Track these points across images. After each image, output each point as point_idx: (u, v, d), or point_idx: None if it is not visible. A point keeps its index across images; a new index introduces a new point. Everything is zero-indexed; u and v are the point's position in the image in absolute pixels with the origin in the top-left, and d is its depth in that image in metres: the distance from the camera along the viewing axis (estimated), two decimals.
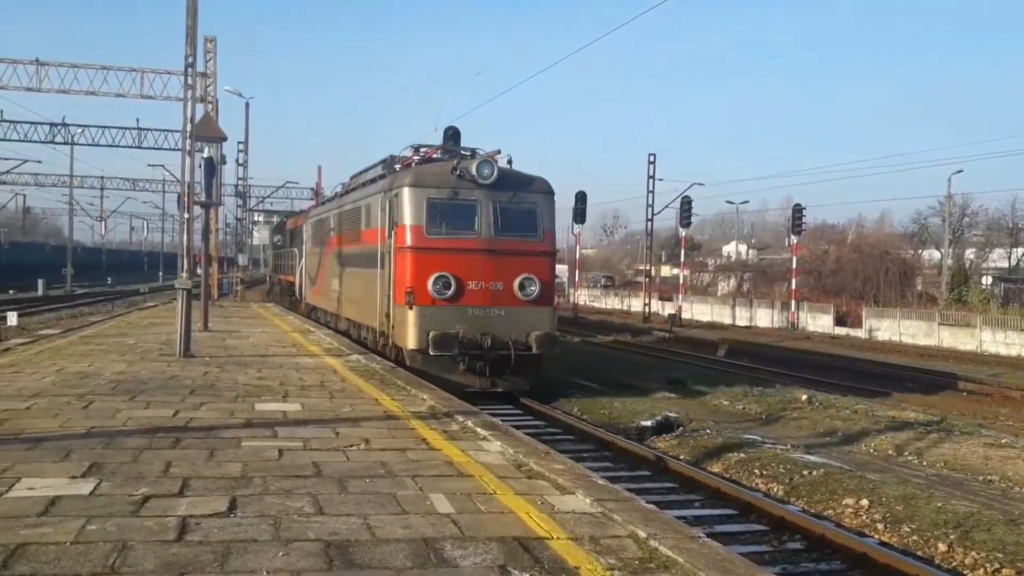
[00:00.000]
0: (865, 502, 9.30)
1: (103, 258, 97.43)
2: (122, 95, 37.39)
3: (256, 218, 57.05)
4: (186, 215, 15.54)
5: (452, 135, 20.25)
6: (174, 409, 8.91)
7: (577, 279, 52.59)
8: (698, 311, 51.74)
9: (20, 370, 11.67)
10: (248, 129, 44.97)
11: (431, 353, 15.10)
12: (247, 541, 4.71)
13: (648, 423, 13.69)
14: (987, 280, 52.65)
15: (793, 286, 46.29)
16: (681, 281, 51.11)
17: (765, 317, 47.39)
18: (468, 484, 6.18)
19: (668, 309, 50.33)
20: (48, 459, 6.44)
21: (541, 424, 13.81)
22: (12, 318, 25.49)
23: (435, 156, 18.02)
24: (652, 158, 47.68)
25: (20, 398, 9.22)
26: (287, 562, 4.43)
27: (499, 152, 16.92)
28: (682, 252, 50.54)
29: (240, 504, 5.42)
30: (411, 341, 15.42)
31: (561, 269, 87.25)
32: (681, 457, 11.74)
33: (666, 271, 79.18)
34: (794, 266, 47.14)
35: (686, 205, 46.63)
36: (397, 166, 18.41)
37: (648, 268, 52.53)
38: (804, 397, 16.73)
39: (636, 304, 54.83)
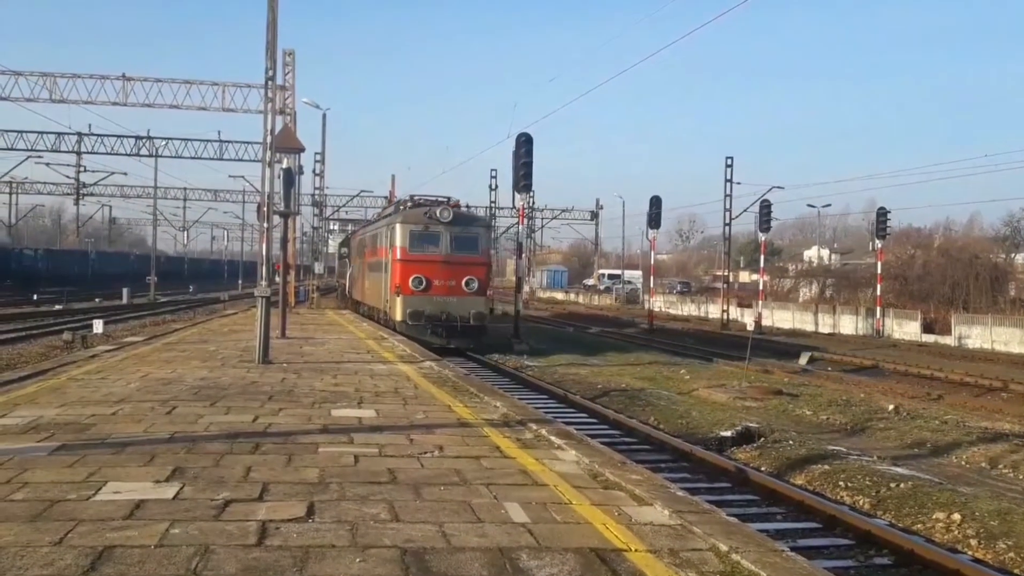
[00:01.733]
0: (957, 516, 8.94)
1: (185, 267, 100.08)
2: (204, 108, 38.55)
3: (332, 227, 57.97)
4: (265, 224, 15.78)
5: (525, 141, 28.50)
6: (254, 415, 9.04)
7: (652, 285, 51.97)
8: (779, 318, 50.74)
9: (106, 376, 11.99)
10: (325, 140, 45.80)
11: (409, 323, 24.29)
12: (325, 546, 4.72)
13: (728, 433, 13.42)
14: None
15: (878, 292, 45.07)
16: (761, 287, 50.23)
17: (849, 324, 46.21)
18: (543, 493, 6.11)
19: (747, 316, 49.48)
20: (133, 463, 6.58)
21: (616, 433, 13.66)
22: (98, 326, 26.30)
23: (421, 203, 27.52)
24: (729, 161, 46.99)
25: (106, 404, 9.47)
26: (364, 568, 4.42)
27: (459, 201, 28.75)
28: (761, 257, 49.69)
29: (318, 509, 5.44)
30: (398, 315, 24.81)
31: (635, 275, 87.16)
32: (762, 468, 11.48)
33: (745, 277, 78.05)
34: (879, 271, 45.90)
35: (765, 209, 45.82)
36: (401, 207, 28.73)
37: (726, 274, 51.75)
38: (891, 407, 16.24)
39: (714, 311, 54.02)
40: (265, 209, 15.66)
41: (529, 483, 6.41)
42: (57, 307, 41.63)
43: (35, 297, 47.41)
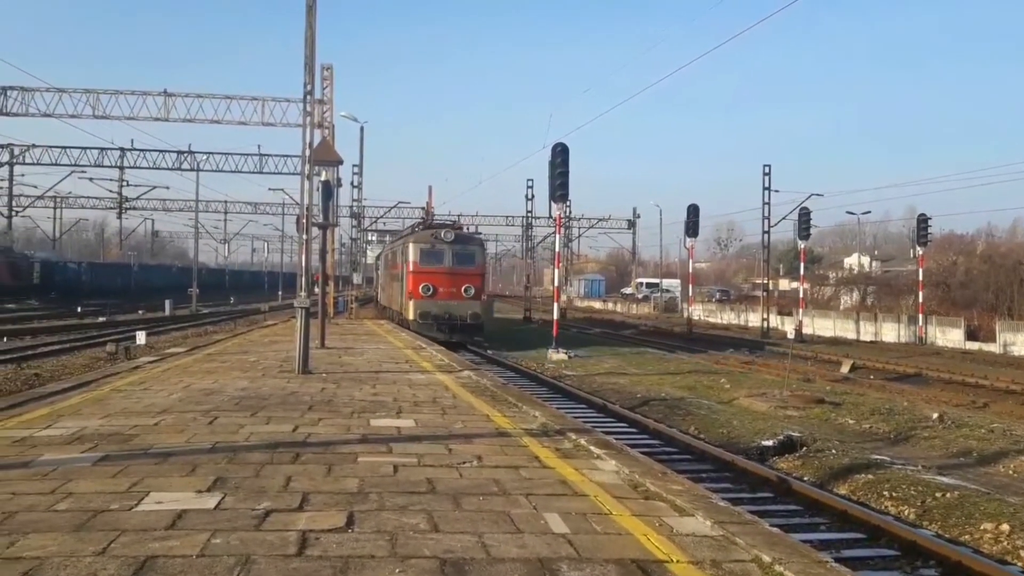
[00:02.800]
0: (1006, 527, 8.75)
1: (226, 278, 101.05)
2: (244, 123, 39.01)
3: (370, 238, 58.29)
4: (304, 236, 15.92)
5: (561, 151, 29.21)
6: (294, 425, 9.09)
7: (691, 293, 51.65)
8: (820, 326, 50.21)
9: (149, 387, 12.13)
10: (363, 152, 46.20)
11: (420, 321, 29.94)
12: (364, 557, 4.72)
13: (769, 443, 13.26)
14: None
15: (920, 299, 44.41)
16: (801, 295, 49.71)
17: (891, 332, 45.61)
18: (583, 504, 6.07)
19: (788, 324, 48.97)
20: (175, 474, 6.64)
21: (656, 443, 13.55)
22: (141, 337, 26.59)
23: (431, 225, 35.37)
24: (767, 169, 46.73)
25: (149, 414, 9.57)
26: None
27: (461, 224, 36.77)
28: (801, 265, 49.16)
29: (357, 519, 5.45)
30: (411, 315, 30.74)
31: (673, 283, 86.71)
32: (805, 478, 11.34)
33: (784, 284, 77.26)
34: (920, 278, 45.25)
35: (804, 216, 45.37)
36: (415, 230, 36.32)
37: (765, 281, 51.26)
38: (935, 415, 15.96)
39: (754, 319, 53.56)
40: (304, 221, 15.80)
41: (569, 493, 6.36)
42: (100, 319, 42.21)
43: (79, 309, 48.12)
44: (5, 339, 29.58)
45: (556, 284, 34.09)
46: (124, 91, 38.63)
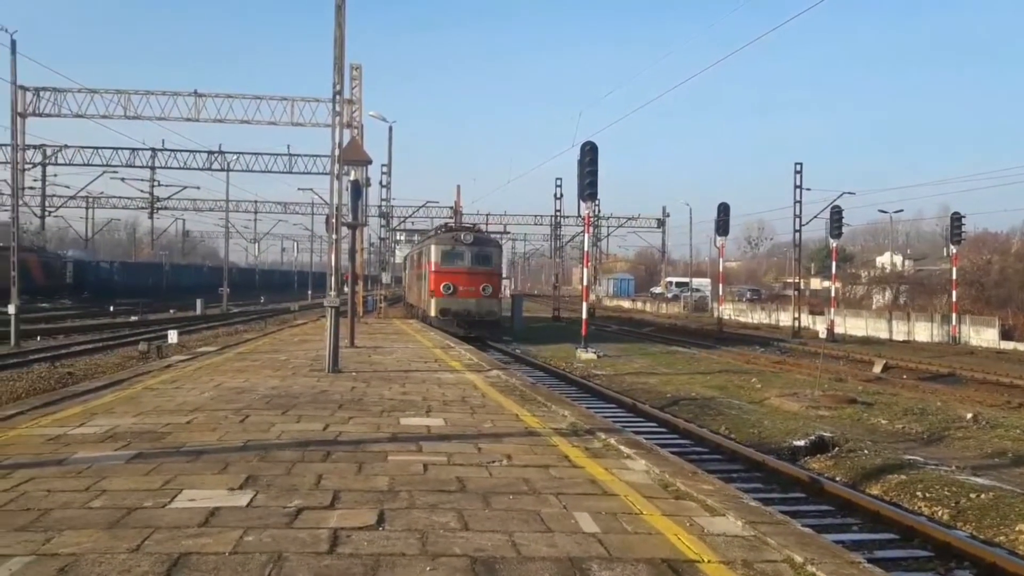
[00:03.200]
0: None
1: (256, 278, 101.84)
2: (274, 123, 39.19)
3: (399, 237, 58.46)
4: (334, 236, 15.98)
5: (590, 150, 29.18)
6: (324, 423, 9.14)
7: (721, 293, 51.31)
8: (851, 325, 49.67)
9: (181, 386, 12.25)
10: (391, 152, 46.20)
11: (440, 317, 32.13)
12: (395, 555, 4.73)
13: (801, 443, 13.15)
14: None
15: (954, 298, 43.83)
16: (832, 294, 49.26)
17: (924, 331, 45.04)
18: (613, 503, 6.05)
19: (819, 323, 48.52)
20: (208, 471, 6.69)
21: (687, 443, 13.49)
22: (172, 336, 26.85)
23: (452, 228, 38.25)
24: (798, 167, 46.29)
25: (181, 413, 9.66)
26: None
27: (480, 227, 40.86)
28: (833, 264, 48.71)
29: (388, 517, 5.47)
30: (432, 312, 32.89)
31: (703, 282, 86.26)
32: (837, 478, 11.23)
33: (816, 283, 76.62)
34: (954, 277, 44.64)
35: (836, 215, 44.92)
36: (438, 232, 38.28)
37: (797, 280, 50.79)
38: (969, 415, 15.75)
39: (784, 318, 53.12)
40: (334, 221, 15.86)
41: (599, 493, 6.35)
42: (132, 318, 42.69)
43: (111, 309, 48.72)
44: (39, 338, 30.01)
45: (585, 283, 34.02)
46: (155, 92, 39.00)
